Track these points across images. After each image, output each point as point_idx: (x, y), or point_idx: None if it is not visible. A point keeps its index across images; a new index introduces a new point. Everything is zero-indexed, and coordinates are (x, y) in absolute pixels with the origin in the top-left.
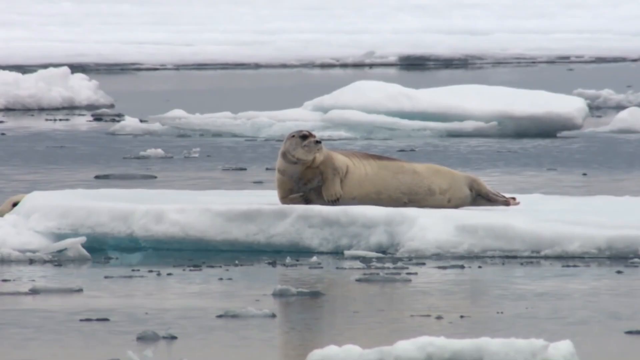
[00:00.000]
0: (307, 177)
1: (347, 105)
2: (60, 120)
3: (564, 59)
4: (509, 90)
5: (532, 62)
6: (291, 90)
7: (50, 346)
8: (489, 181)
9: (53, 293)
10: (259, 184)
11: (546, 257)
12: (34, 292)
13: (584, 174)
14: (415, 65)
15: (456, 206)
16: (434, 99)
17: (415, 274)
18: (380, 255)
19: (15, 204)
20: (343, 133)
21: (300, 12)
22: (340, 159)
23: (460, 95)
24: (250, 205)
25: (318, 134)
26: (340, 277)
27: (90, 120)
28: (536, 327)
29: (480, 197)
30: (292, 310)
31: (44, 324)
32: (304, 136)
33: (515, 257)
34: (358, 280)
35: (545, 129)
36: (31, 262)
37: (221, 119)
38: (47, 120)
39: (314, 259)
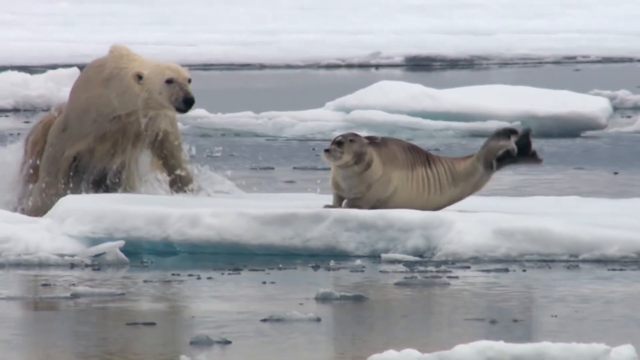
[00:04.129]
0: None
1: (370, 106)
2: None
3: (571, 59)
4: (532, 90)
5: (538, 62)
6: (307, 91)
7: (101, 350)
8: (517, 180)
9: (95, 297)
10: (291, 183)
11: (584, 261)
12: (75, 296)
13: (616, 173)
14: (421, 66)
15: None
16: (456, 99)
17: (457, 277)
18: (417, 258)
19: (138, 76)
20: (365, 133)
21: (298, 11)
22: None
23: (483, 95)
24: (286, 208)
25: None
26: (379, 280)
27: None
28: (592, 331)
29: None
30: (337, 314)
31: (91, 328)
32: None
33: (552, 260)
34: (397, 283)
35: (569, 129)
36: (72, 266)
37: (242, 118)
38: None
39: (358, 262)
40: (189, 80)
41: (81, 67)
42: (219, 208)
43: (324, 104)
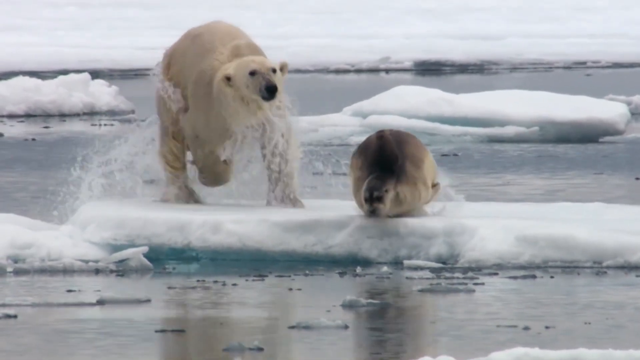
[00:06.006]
0: None
1: (387, 111)
2: (104, 125)
3: (581, 64)
4: (549, 95)
5: (548, 67)
6: (319, 96)
7: (133, 358)
8: (540, 186)
9: (121, 304)
10: (313, 189)
11: (608, 268)
12: (101, 302)
13: (637, 179)
14: (431, 71)
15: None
16: (474, 104)
17: (483, 284)
18: (441, 265)
19: (227, 78)
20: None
21: (308, 16)
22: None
23: (500, 100)
24: (308, 215)
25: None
26: (405, 287)
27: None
28: (626, 337)
29: None
30: (365, 321)
31: (120, 335)
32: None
33: (576, 267)
34: (421, 290)
35: (587, 135)
36: (97, 272)
37: None
38: (92, 125)
39: (384, 269)
40: (274, 70)
41: (92, 72)
42: (240, 215)
43: (338, 109)
